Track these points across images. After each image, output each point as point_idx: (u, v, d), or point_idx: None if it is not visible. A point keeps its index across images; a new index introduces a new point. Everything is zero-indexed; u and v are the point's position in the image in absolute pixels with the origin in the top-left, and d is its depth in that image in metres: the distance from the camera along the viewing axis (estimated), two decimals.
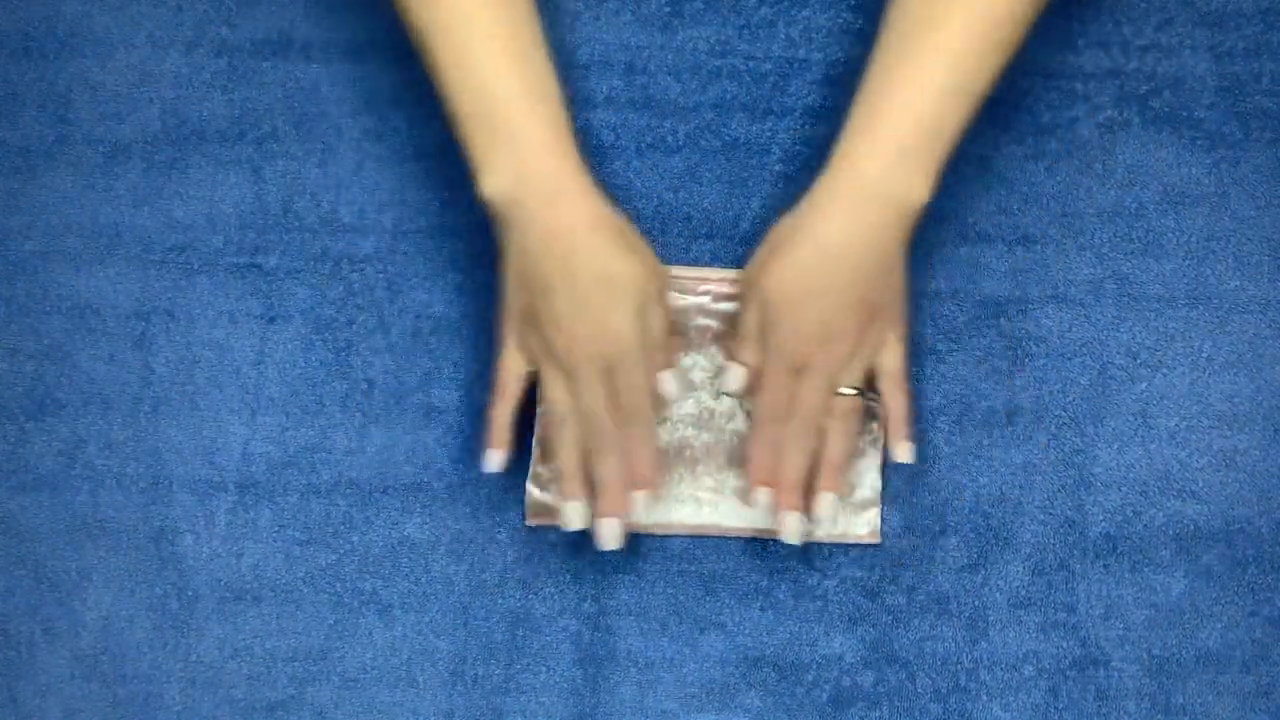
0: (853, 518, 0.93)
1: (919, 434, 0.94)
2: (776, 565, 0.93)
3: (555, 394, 0.88)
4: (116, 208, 0.97)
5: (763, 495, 0.89)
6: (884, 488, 0.93)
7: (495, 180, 0.86)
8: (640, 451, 0.88)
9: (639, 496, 0.89)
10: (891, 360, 0.90)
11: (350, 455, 0.95)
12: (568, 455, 0.89)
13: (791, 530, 0.89)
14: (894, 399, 0.90)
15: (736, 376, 0.90)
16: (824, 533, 0.92)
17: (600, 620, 0.93)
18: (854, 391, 0.89)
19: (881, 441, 0.93)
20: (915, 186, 0.85)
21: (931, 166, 0.85)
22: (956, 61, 0.84)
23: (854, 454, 0.92)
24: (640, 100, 0.97)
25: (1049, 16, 0.96)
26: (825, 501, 0.89)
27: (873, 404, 0.91)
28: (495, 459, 0.90)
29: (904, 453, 0.90)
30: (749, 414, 0.93)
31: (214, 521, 0.94)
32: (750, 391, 0.90)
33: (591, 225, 0.86)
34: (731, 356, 0.91)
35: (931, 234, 0.95)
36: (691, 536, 0.93)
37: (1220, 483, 0.94)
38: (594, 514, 0.89)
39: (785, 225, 0.88)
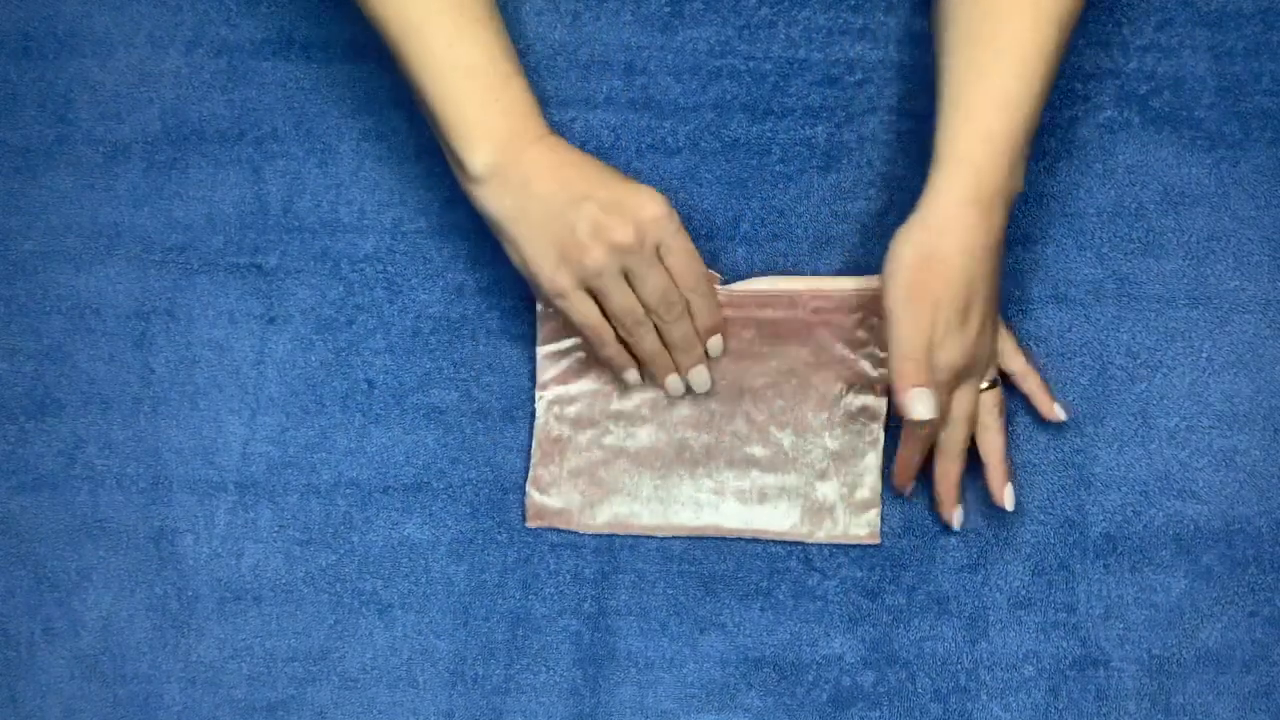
0: (853, 518, 0.93)
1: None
2: (776, 565, 0.93)
3: (593, 311, 0.89)
4: (116, 208, 0.97)
5: (909, 491, 0.93)
6: (884, 488, 0.93)
7: (485, 149, 0.86)
8: (706, 309, 0.90)
9: (714, 341, 0.91)
10: (1008, 343, 0.92)
11: (350, 455, 0.95)
12: (618, 351, 0.91)
13: (957, 522, 0.92)
14: (1032, 377, 0.92)
15: (928, 399, 0.86)
16: (824, 534, 0.92)
17: (600, 620, 0.93)
18: (991, 384, 0.91)
19: (881, 442, 0.93)
20: (1020, 178, 0.87)
21: (1026, 154, 0.87)
22: (1041, 47, 0.85)
23: (855, 454, 0.93)
24: (640, 101, 0.97)
25: None
26: (1012, 492, 0.91)
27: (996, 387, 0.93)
28: (634, 374, 0.92)
29: (1059, 411, 0.92)
30: (748, 416, 0.93)
31: (214, 521, 0.94)
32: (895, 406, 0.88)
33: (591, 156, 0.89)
34: (894, 382, 0.87)
35: None
36: (691, 538, 0.94)
37: (1220, 483, 0.94)
38: (675, 373, 0.92)
39: (918, 237, 0.85)
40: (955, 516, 0.92)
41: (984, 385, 0.90)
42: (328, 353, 0.96)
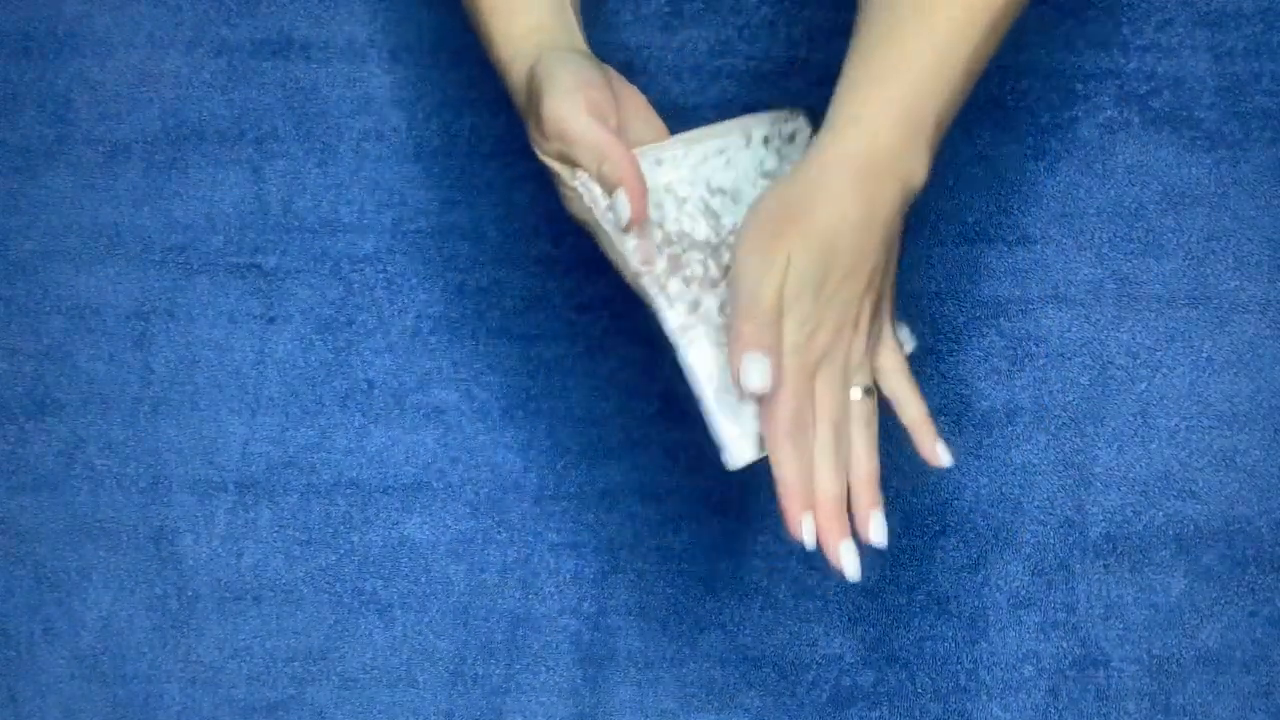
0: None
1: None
2: (776, 565, 0.93)
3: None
4: (116, 208, 0.97)
5: (807, 524, 0.76)
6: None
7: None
8: None
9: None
10: (892, 356, 0.81)
11: (350, 455, 0.95)
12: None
13: (852, 567, 0.77)
14: (912, 397, 0.81)
15: (760, 364, 0.75)
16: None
17: (600, 620, 0.93)
18: (866, 391, 0.79)
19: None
20: (922, 167, 0.78)
21: (934, 148, 0.78)
22: (968, 25, 0.77)
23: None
24: None
25: (1049, 16, 0.96)
26: (880, 522, 0.79)
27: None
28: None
29: (943, 454, 0.81)
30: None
31: (214, 521, 0.94)
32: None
33: None
34: (730, 346, 0.76)
35: (931, 234, 0.95)
36: (691, 536, 0.93)
37: (1220, 483, 0.94)
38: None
39: (794, 190, 0.76)
40: (844, 559, 0.77)
41: (855, 393, 0.79)
42: (328, 353, 0.96)
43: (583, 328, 0.96)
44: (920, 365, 0.95)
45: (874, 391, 0.80)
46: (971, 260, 0.96)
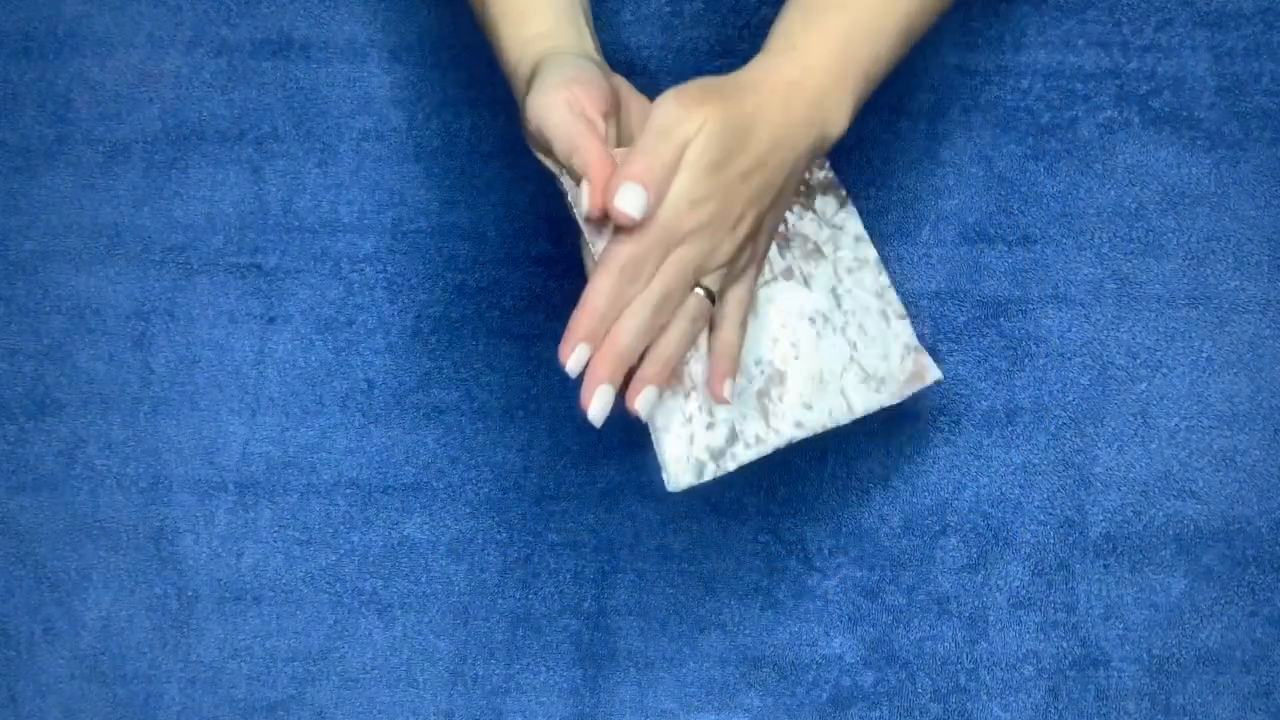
0: (911, 371, 0.86)
1: (918, 434, 0.94)
2: (776, 564, 0.94)
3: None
4: (116, 208, 0.97)
5: (579, 355, 0.75)
6: (905, 398, 0.87)
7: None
8: None
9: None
10: (742, 294, 0.80)
11: (350, 455, 0.95)
12: None
13: (598, 409, 0.76)
14: (732, 329, 0.79)
15: (639, 199, 0.74)
16: (892, 393, 0.84)
17: (600, 620, 0.93)
18: (707, 292, 0.77)
19: (895, 303, 0.86)
20: (843, 116, 0.79)
21: (858, 101, 0.79)
22: None
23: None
24: None
25: (1049, 16, 0.96)
26: (648, 395, 0.77)
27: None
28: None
29: (728, 390, 0.79)
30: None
31: (214, 521, 0.94)
32: (595, 224, 0.78)
33: None
34: (629, 165, 0.74)
35: (931, 234, 0.95)
36: (691, 535, 0.93)
37: (1220, 483, 0.94)
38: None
39: (719, 82, 0.76)
40: (596, 400, 0.75)
41: (701, 290, 0.77)
42: (328, 353, 0.96)
43: None
44: None
45: (712, 299, 0.78)
46: (971, 260, 0.96)
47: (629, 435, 0.95)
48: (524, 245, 0.96)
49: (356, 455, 0.95)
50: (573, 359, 0.75)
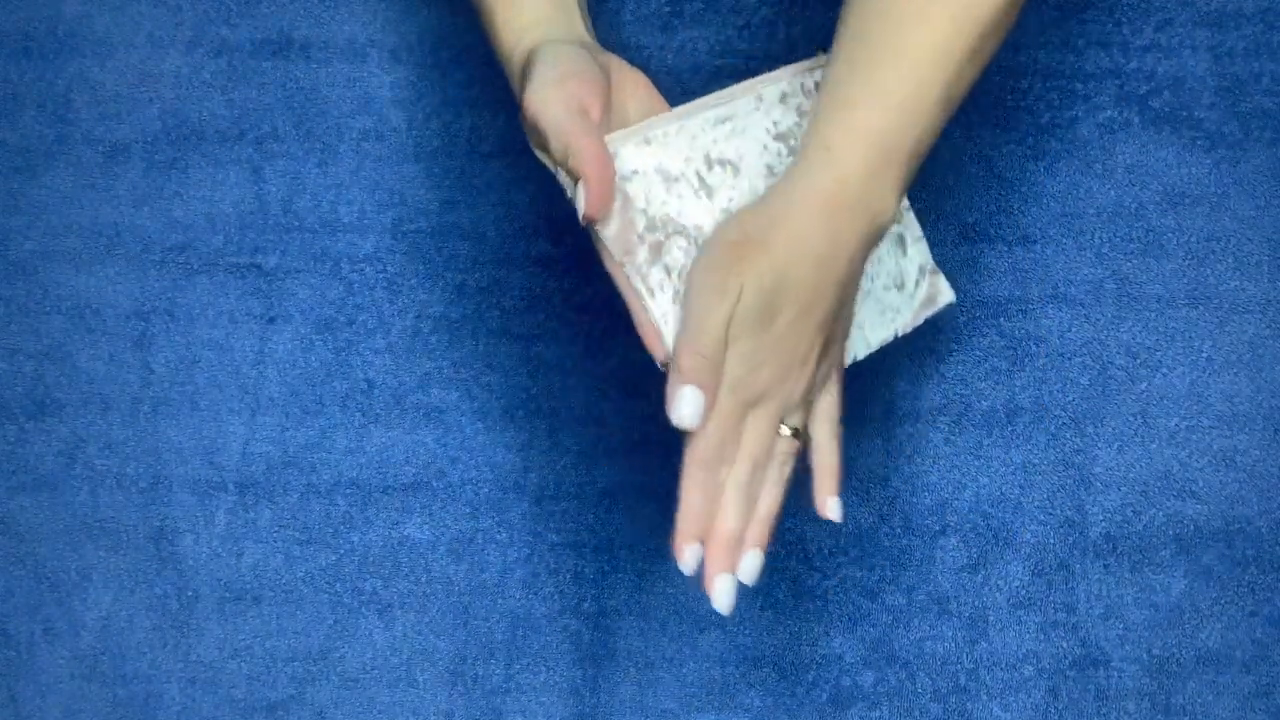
0: (925, 295, 0.84)
1: (918, 434, 0.94)
2: (776, 565, 0.93)
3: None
4: (116, 208, 0.97)
5: (692, 554, 0.75)
6: (912, 330, 0.85)
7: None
8: None
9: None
10: (829, 403, 0.78)
11: (350, 455, 0.95)
12: None
13: (725, 598, 0.76)
14: (830, 446, 0.78)
15: (694, 402, 0.73)
16: (904, 322, 0.82)
17: (600, 620, 0.93)
18: (793, 432, 0.76)
19: (914, 226, 0.84)
20: (892, 200, 0.74)
21: (907, 180, 0.75)
22: (940, 54, 0.74)
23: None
24: None
25: (1049, 16, 0.96)
26: (753, 562, 0.76)
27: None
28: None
29: (834, 509, 0.78)
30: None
31: (214, 521, 0.94)
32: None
33: None
34: (679, 371, 0.74)
35: (931, 234, 0.95)
36: None
37: (1220, 483, 0.94)
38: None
39: (755, 219, 0.74)
40: (719, 590, 0.75)
41: (786, 430, 0.76)
42: (328, 353, 0.96)
43: (583, 328, 0.96)
44: (920, 365, 0.95)
45: (803, 434, 0.77)
46: (971, 260, 0.96)
47: (629, 435, 0.95)
48: (524, 245, 0.96)
49: (356, 455, 0.95)
50: (688, 560, 0.75)
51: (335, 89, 0.98)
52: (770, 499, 0.76)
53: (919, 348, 0.95)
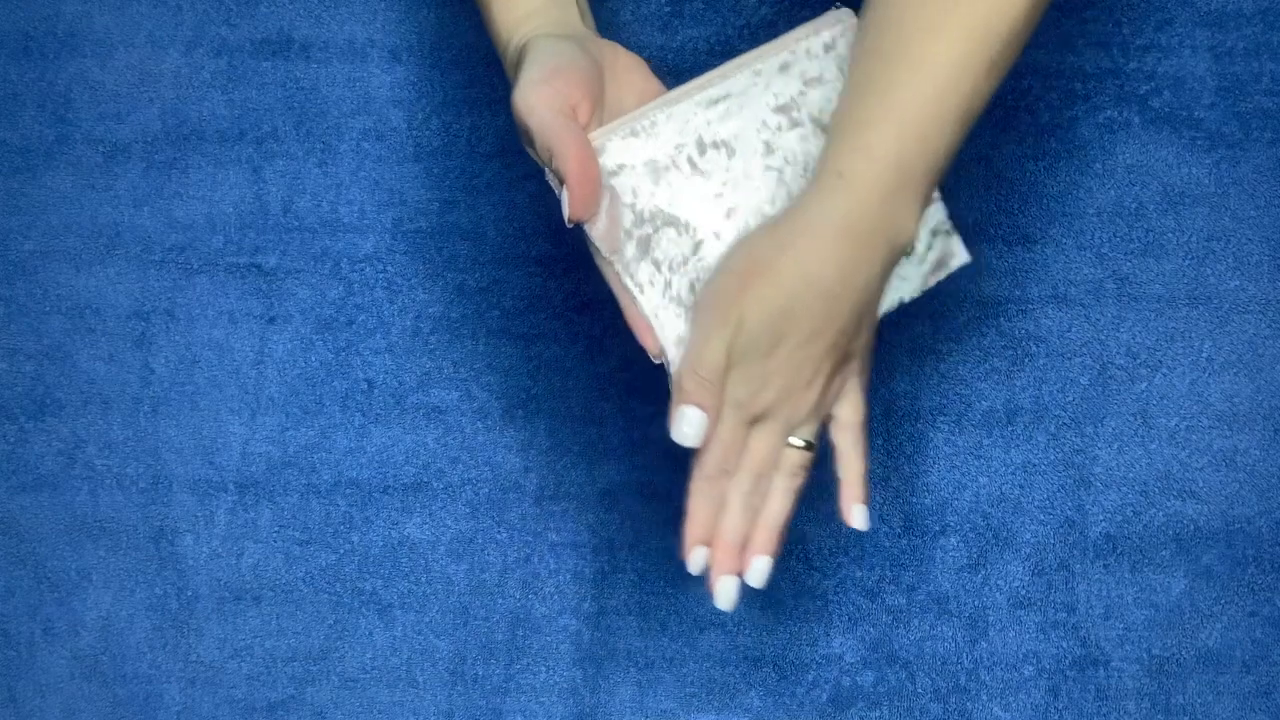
0: (935, 259, 0.81)
1: (918, 434, 0.94)
2: (776, 565, 0.93)
3: None
4: (116, 208, 0.97)
5: (698, 556, 0.77)
6: (930, 288, 0.82)
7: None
8: None
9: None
10: (851, 411, 0.78)
11: (350, 455, 0.95)
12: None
13: (726, 597, 0.77)
14: (852, 456, 0.78)
15: (695, 423, 0.74)
16: (911, 290, 0.81)
17: (600, 620, 0.93)
18: (804, 444, 0.76)
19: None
20: (911, 221, 0.73)
21: (924, 199, 0.73)
22: (956, 69, 0.72)
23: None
24: None
25: (1049, 16, 0.96)
26: (761, 566, 0.77)
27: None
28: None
29: (858, 517, 0.78)
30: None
31: (214, 521, 0.94)
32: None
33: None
34: (680, 392, 0.75)
35: None
36: None
37: (1220, 483, 0.94)
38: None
39: (764, 245, 0.73)
40: (722, 590, 0.77)
41: (797, 442, 0.76)
42: (328, 353, 0.96)
43: (583, 328, 0.96)
44: (920, 365, 0.95)
45: (814, 446, 0.77)
46: (971, 260, 0.96)
47: (629, 435, 0.95)
48: (524, 245, 0.96)
49: (356, 455, 0.95)
50: (695, 562, 0.77)
51: (335, 89, 0.98)
52: (778, 507, 0.77)
53: (919, 348, 0.95)
